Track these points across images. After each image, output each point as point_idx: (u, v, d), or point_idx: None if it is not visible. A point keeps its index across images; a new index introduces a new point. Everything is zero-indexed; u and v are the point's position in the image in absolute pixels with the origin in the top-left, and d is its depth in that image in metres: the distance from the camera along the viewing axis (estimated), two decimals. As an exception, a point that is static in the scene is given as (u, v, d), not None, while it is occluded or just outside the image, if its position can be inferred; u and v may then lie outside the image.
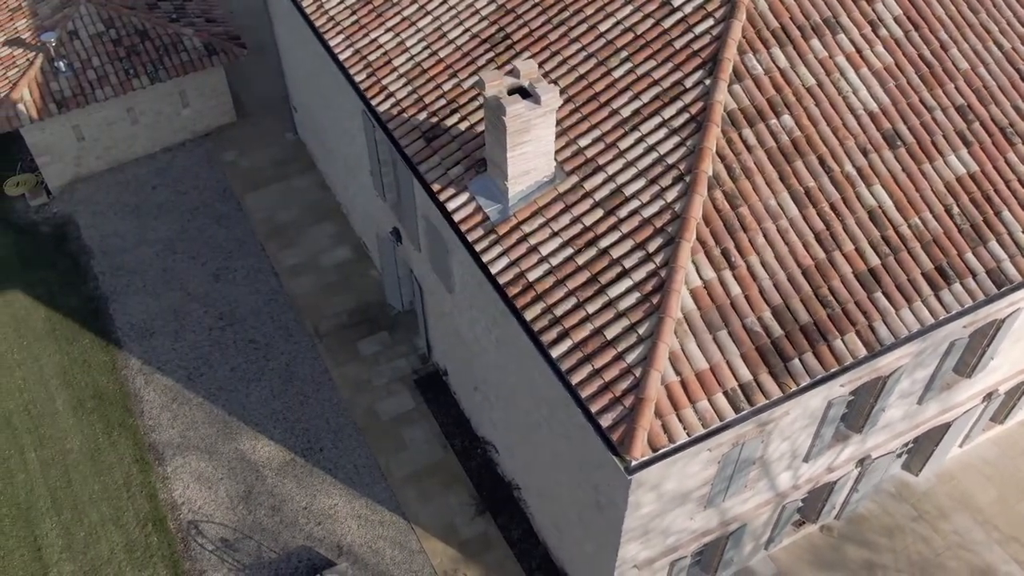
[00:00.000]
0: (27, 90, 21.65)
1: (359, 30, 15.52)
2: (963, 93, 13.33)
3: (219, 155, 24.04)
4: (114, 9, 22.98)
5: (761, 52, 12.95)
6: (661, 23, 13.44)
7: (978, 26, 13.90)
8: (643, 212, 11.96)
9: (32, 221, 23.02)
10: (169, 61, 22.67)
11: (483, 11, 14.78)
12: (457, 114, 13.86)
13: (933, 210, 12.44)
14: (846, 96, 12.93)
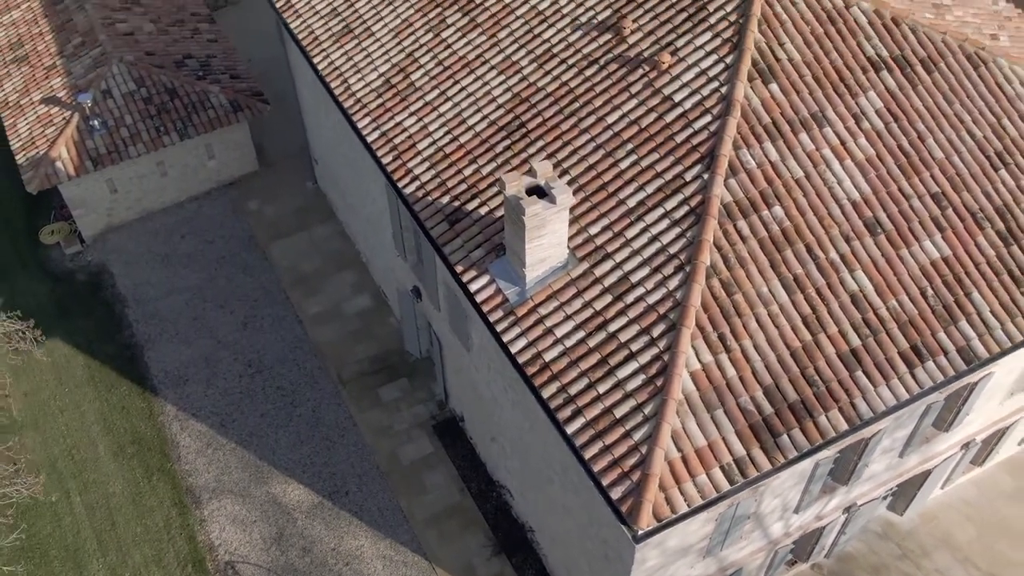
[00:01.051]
0: (64, 148, 22.98)
1: (384, 113, 16.85)
2: (938, 181, 14.65)
3: (243, 204, 25.38)
4: (144, 68, 24.30)
5: (754, 147, 14.28)
6: (663, 117, 14.77)
7: (952, 116, 15.23)
8: (648, 299, 13.30)
9: (68, 269, 24.35)
10: (197, 118, 23.99)
11: (499, 99, 16.10)
12: (477, 199, 15.18)
13: (909, 293, 13.77)
14: (831, 187, 14.26)
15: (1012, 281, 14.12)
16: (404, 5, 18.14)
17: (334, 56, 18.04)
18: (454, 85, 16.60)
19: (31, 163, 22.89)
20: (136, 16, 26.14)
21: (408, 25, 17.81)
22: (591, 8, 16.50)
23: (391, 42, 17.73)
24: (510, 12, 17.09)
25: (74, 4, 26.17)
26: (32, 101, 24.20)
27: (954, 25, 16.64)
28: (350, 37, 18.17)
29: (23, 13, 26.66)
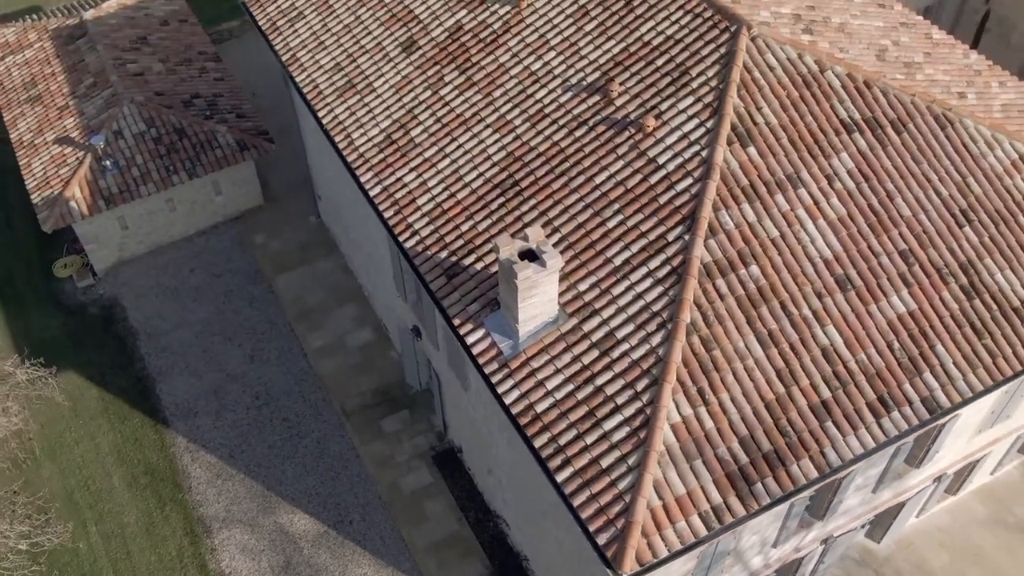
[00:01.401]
0: (78, 188, 23.94)
1: (386, 168, 17.81)
2: (905, 238, 15.62)
3: (249, 238, 26.34)
4: (154, 108, 25.26)
5: (732, 208, 15.24)
6: (648, 179, 15.74)
7: (920, 176, 16.20)
8: (632, 354, 14.26)
9: (80, 303, 25.31)
10: (205, 157, 24.96)
11: (494, 157, 17.07)
12: (474, 254, 16.14)
13: (877, 346, 14.74)
14: (805, 246, 15.22)
15: (974, 333, 15.09)
16: (404, 62, 19.11)
17: (338, 111, 19.01)
18: (452, 142, 17.57)
19: (46, 203, 23.85)
20: (145, 56, 27.10)
21: (408, 82, 18.78)
22: (581, 70, 17.47)
23: (392, 98, 18.70)
24: (505, 72, 18.06)
25: (86, 45, 27.13)
26: (46, 141, 25.16)
27: (924, 85, 17.61)
28: (353, 92, 19.14)
29: (36, 52, 27.63)
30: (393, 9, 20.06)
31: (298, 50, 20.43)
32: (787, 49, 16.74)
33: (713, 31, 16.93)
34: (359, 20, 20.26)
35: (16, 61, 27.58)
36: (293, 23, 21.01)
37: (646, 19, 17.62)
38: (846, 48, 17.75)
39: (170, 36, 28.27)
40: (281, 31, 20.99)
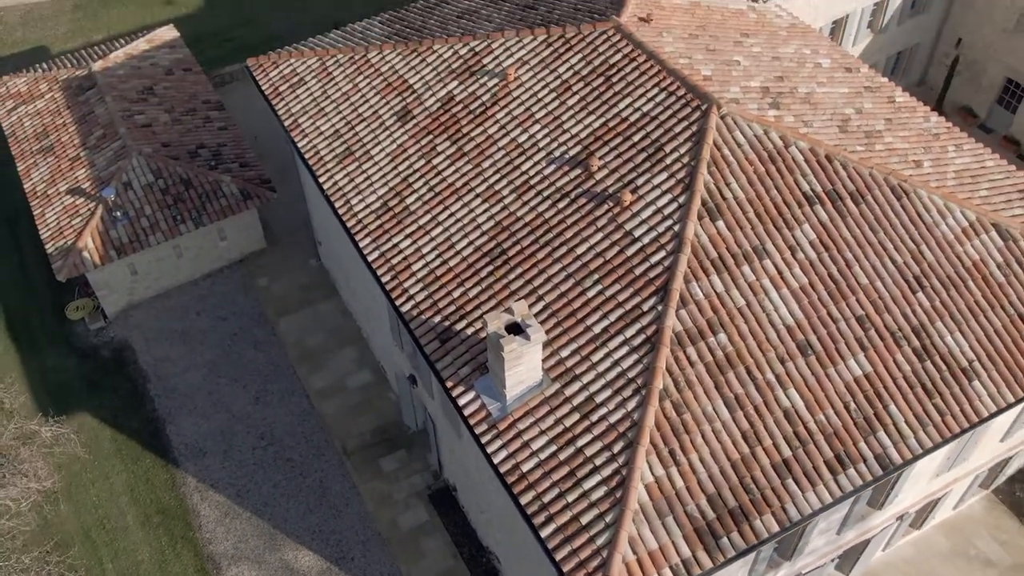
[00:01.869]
0: (90, 239, 25.21)
1: (383, 234, 19.10)
2: (863, 304, 16.94)
3: (253, 281, 27.63)
4: (161, 160, 26.53)
5: (702, 279, 16.56)
6: (625, 251, 17.05)
7: (877, 244, 17.52)
8: (609, 418, 15.58)
9: (93, 345, 26.57)
10: (210, 206, 26.23)
11: (484, 226, 18.37)
12: (465, 320, 17.44)
13: (835, 407, 16.06)
14: (769, 314, 16.54)
15: (925, 394, 16.41)
16: (399, 131, 20.41)
17: (337, 176, 20.30)
18: (444, 211, 18.87)
19: (60, 253, 25.11)
20: (152, 107, 28.36)
21: (403, 150, 20.08)
22: (563, 143, 18.79)
23: (388, 166, 19.99)
24: (493, 143, 19.36)
25: (95, 96, 28.40)
26: (59, 191, 26.42)
27: (883, 155, 18.93)
28: (352, 159, 20.43)
29: (47, 103, 28.88)
30: (389, 78, 21.35)
31: (299, 116, 21.71)
32: (754, 126, 18.06)
33: (686, 109, 18.26)
34: (357, 88, 21.56)
35: (28, 111, 28.84)
36: (295, 88, 22.29)
37: (624, 95, 18.94)
38: (810, 121, 19.08)
39: (175, 85, 29.53)
40: (283, 96, 22.27)
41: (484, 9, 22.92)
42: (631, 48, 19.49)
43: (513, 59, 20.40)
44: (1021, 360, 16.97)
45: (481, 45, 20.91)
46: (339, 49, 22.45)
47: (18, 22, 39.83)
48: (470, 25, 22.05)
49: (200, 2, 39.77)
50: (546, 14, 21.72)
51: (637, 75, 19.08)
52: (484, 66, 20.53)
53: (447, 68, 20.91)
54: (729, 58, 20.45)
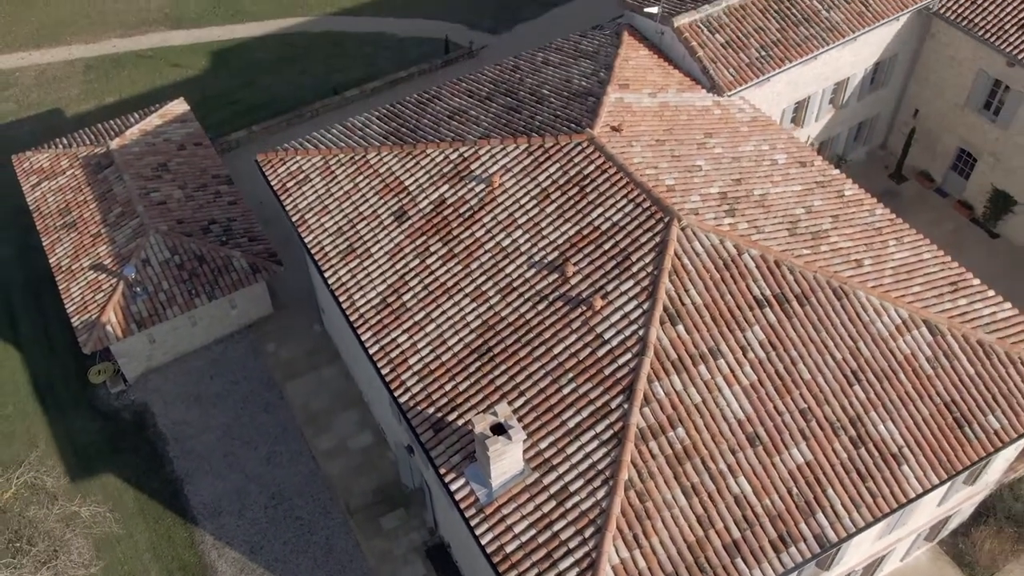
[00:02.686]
0: (113, 313, 27.44)
1: (383, 328, 21.37)
2: (805, 398, 19.25)
3: (261, 346, 29.89)
4: (176, 237, 28.78)
5: (663, 379, 18.86)
6: (596, 352, 19.35)
7: (819, 342, 19.82)
8: (582, 506, 17.87)
9: (115, 408, 28.82)
10: (222, 280, 28.49)
11: (472, 324, 20.65)
12: (456, 411, 19.72)
13: (779, 492, 18.36)
14: (722, 409, 18.84)
15: (859, 478, 18.72)
16: (396, 230, 22.68)
17: (341, 272, 22.56)
18: (437, 309, 21.14)
19: (85, 326, 27.35)
20: (166, 184, 30.60)
21: (400, 249, 22.35)
22: (543, 249, 21.08)
23: (387, 263, 22.26)
24: (480, 246, 21.65)
25: (113, 174, 30.64)
26: (82, 267, 28.66)
27: (827, 256, 21.21)
28: (353, 256, 22.70)
29: (68, 180, 31.12)
30: (386, 179, 23.62)
31: (306, 212, 23.98)
32: (711, 236, 20.36)
33: (650, 220, 20.56)
34: (357, 187, 23.83)
35: (51, 187, 31.06)
36: (301, 185, 24.56)
37: (597, 205, 21.24)
38: (763, 226, 21.38)
39: (187, 161, 31.77)
40: (291, 192, 24.53)
41: (473, 109, 25.20)
42: (603, 160, 21.80)
43: (498, 166, 22.68)
44: (946, 445, 19.29)
45: (469, 151, 23.20)
46: (341, 149, 24.71)
47: (33, 83, 41.97)
48: (460, 128, 24.32)
49: (205, 63, 41.95)
50: (528, 119, 24.01)
51: (608, 186, 21.39)
52: (472, 171, 22.82)
53: (439, 172, 23.19)
54: (692, 163, 22.75)
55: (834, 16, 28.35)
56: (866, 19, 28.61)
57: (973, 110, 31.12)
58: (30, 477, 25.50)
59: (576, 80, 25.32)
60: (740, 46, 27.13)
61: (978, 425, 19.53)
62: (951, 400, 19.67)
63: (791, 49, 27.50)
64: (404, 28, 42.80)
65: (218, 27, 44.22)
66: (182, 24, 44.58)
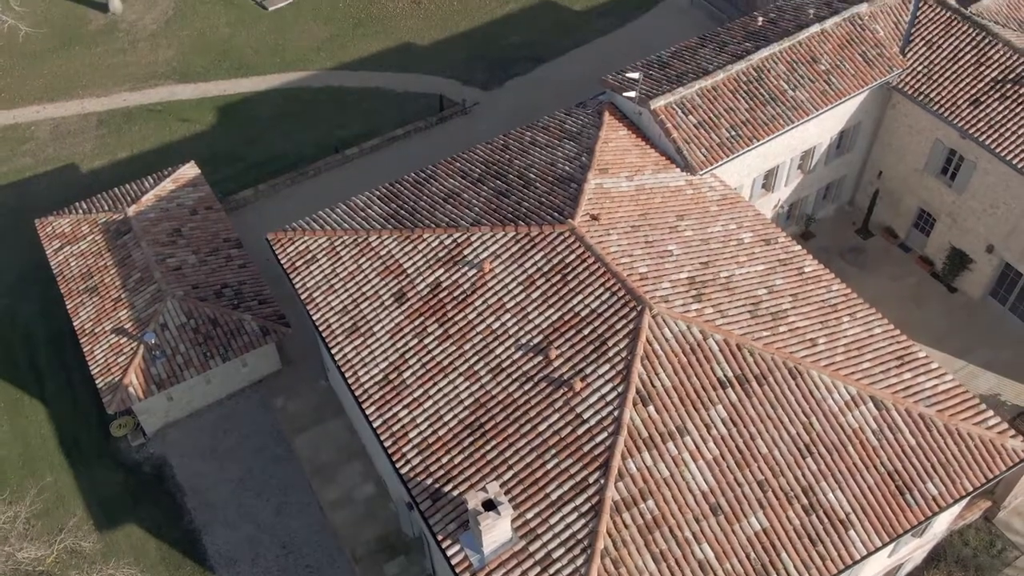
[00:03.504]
0: (134, 375, 29.72)
1: (385, 404, 23.66)
2: (763, 470, 21.58)
3: (271, 401, 32.18)
4: (192, 302, 31.05)
5: (636, 456, 21.18)
6: (576, 431, 21.67)
7: (776, 418, 22.15)
8: (563, 572, 20.18)
9: (135, 460, 31.10)
10: (235, 343, 30.76)
11: (465, 402, 22.96)
12: (451, 483, 22.03)
13: (739, 557, 20.69)
14: (688, 482, 21.17)
15: (811, 542, 21.06)
16: (396, 311, 24.98)
17: (346, 349, 24.86)
18: (434, 386, 23.44)
19: (109, 388, 29.61)
20: (181, 249, 32.87)
21: (400, 329, 24.65)
22: (528, 332, 23.40)
23: (388, 342, 24.56)
24: (472, 328, 23.96)
25: (131, 241, 32.91)
26: (104, 330, 30.92)
27: (784, 337, 23.54)
28: (358, 334, 24.99)
29: (89, 245, 33.38)
30: (387, 262, 25.93)
31: (314, 290, 26.27)
32: (679, 323, 22.70)
33: (625, 308, 22.89)
34: (360, 268, 26.12)
35: (73, 252, 33.32)
36: (308, 264, 26.85)
37: (577, 292, 23.57)
38: (727, 310, 23.70)
39: (200, 226, 34.04)
40: (299, 271, 26.83)
41: (466, 192, 27.51)
42: (583, 250, 24.13)
43: (488, 252, 25.01)
44: (889, 511, 21.63)
45: (463, 237, 25.52)
46: (345, 231, 27.00)
47: (48, 137, 44.16)
48: (454, 212, 26.63)
49: (212, 118, 44.17)
50: (516, 204, 26.32)
51: (587, 275, 23.72)
52: (465, 256, 25.14)
53: (435, 256, 25.50)
54: (664, 248, 25.09)
55: (799, 95, 30.70)
56: (829, 97, 30.96)
57: (931, 175, 33.47)
58: (70, 543, 27.69)
59: (560, 164, 27.64)
60: (712, 126, 29.46)
61: (918, 492, 21.89)
62: (894, 469, 22.02)
63: (759, 128, 29.84)
64: (401, 83, 45.07)
65: (224, 81, 46.45)
66: (189, 78, 46.78)
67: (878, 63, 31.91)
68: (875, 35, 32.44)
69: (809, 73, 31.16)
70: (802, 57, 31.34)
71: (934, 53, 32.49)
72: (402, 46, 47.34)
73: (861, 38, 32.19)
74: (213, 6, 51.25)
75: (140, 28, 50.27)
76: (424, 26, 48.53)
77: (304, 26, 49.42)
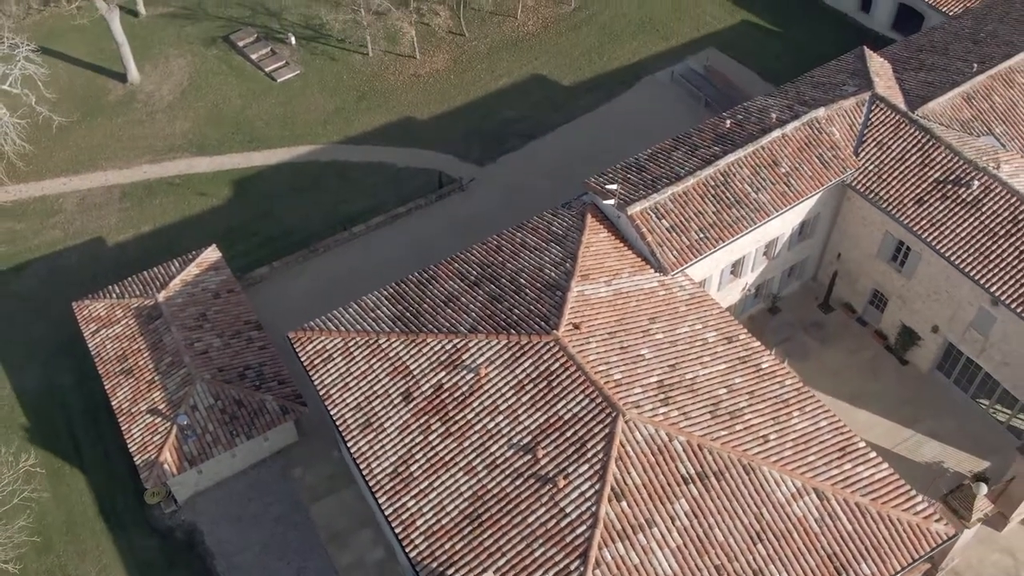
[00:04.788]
0: (168, 454, 33.29)
1: (395, 494, 27.27)
2: (720, 556, 25.18)
3: (289, 471, 35.77)
4: (218, 384, 34.64)
5: (611, 546, 24.82)
6: (559, 523, 25.31)
7: (731, 509, 25.73)
8: (549, 649, 23.85)
9: (168, 527, 34.67)
10: (257, 421, 34.35)
11: (465, 494, 26.58)
12: (453, 567, 25.64)
13: (698, 633, 24.34)
14: (655, 567, 24.79)
15: (759, 619, 24.75)
16: (404, 409, 28.59)
17: (360, 443, 28.46)
18: (438, 479, 27.07)
19: (146, 465, 33.18)
20: (207, 333, 36.46)
21: (407, 426, 28.27)
22: (519, 432, 27.03)
23: (397, 438, 28.17)
24: (471, 427, 27.59)
25: (162, 326, 36.48)
26: (140, 410, 34.49)
27: (740, 435, 27.14)
28: (370, 429, 28.60)
29: (123, 328, 36.94)
30: (395, 363, 29.54)
31: (331, 388, 29.88)
32: (648, 427, 26.34)
33: (602, 414, 26.53)
34: (372, 368, 29.73)
35: (108, 335, 36.87)
36: (325, 363, 30.45)
37: (561, 397, 27.20)
38: (690, 411, 27.33)
39: (223, 309, 37.62)
40: (317, 369, 30.42)
41: (463, 296, 31.12)
42: (566, 359, 27.77)
43: (484, 357, 28.63)
44: (827, 589, 25.34)
45: (461, 343, 29.15)
46: (357, 332, 30.61)
47: (75, 210, 47.63)
48: (453, 317, 30.24)
49: (227, 192, 47.69)
50: (508, 311, 29.94)
51: (570, 382, 27.36)
52: (463, 361, 28.76)
53: (437, 359, 29.12)
54: (637, 352, 28.73)
55: (762, 197, 34.34)
56: (788, 198, 34.61)
57: (883, 260, 37.15)
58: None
59: (547, 269, 31.27)
60: (682, 229, 33.10)
61: (853, 572, 25.55)
62: (833, 553, 25.69)
63: (725, 230, 33.49)
64: (402, 158, 48.63)
65: (237, 154, 49.93)
66: (205, 150, 50.27)
67: (833, 164, 35.58)
68: (831, 137, 36.12)
69: (771, 176, 34.81)
70: (765, 160, 35.00)
71: (884, 154, 36.18)
72: (403, 120, 50.92)
73: (819, 141, 35.87)
74: (226, 77, 54.75)
75: (157, 99, 53.77)
76: (423, 99, 52.09)
77: (311, 98, 52.95)
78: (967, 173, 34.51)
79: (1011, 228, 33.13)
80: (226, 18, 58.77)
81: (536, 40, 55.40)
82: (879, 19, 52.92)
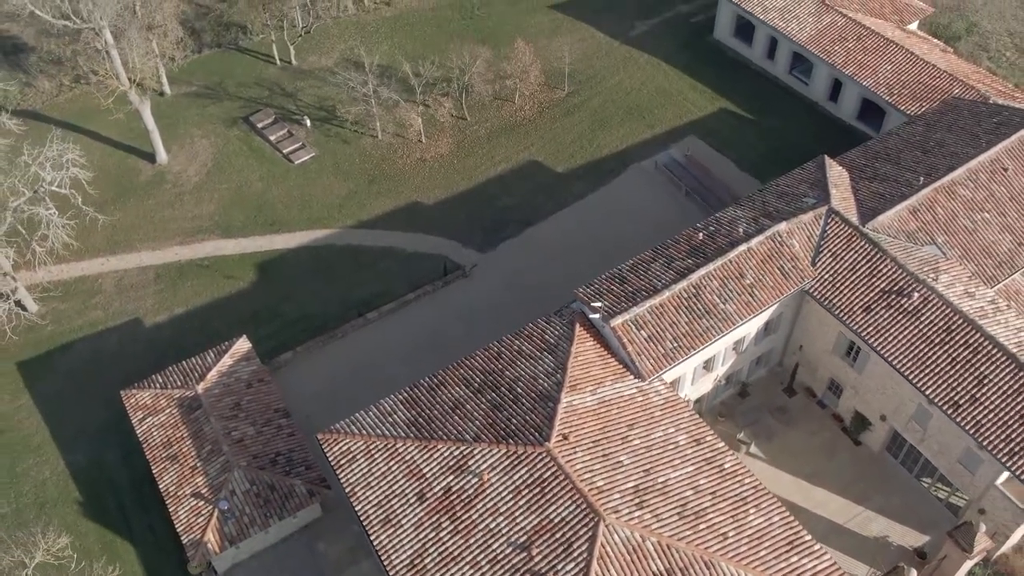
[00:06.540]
0: (211, 534, 38.18)
1: None
2: (684, 641, 30.15)
3: (314, 544, 40.67)
4: (253, 471, 39.53)
5: (593, 634, 29.75)
6: (550, 614, 30.27)
7: (695, 600, 30.73)
8: None
9: (210, 596, 39.61)
10: (288, 504, 39.24)
11: None
12: (461, 650, 30.57)
13: None
14: (630, 652, 29.76)
15: None
16: (419, 508, 33.49)
17: (381, 537, 33.36)
18: (448, 573, 31.93)
19: (192, 544, 38.05)
20: (242, 422, 41.35)
21: (421, 523, 33.17)
22: (516, 532, 31.94)
23: (412, 534, 33.07)
24: (476, 526, 32.50)
25: (202, 416, 41.36)
26: (185, 494, 39.38)
27: (703, 534, 32.04)
28: (389, 525, 33.51)
29: (167, 417, 41.83)
30: (410, 466, 34.45)
31: (355, 485, 34.79)
32: (625, 530, 31.25)
33: (586, 519, 31.44)
34: (390, 470, 34.64)
35: (154, 423, 41.75)
36: (350, 463, 35.37)
37: (552, 502, 32.12)
38: (661, 513, 32.23)
39: (255, 398, 42.51)
40: (343, 468, 35.33)
41: (469, 403, 36.03)
42: (556, 468, 32.69)
43: (486, 464, 33.55)
44: (775, 668, 30.28)
45: (467, 450, 34.07)
46: (377, 436, 35.51)
47: (114, 291, 52.44)
48: (460, 424, 35.13)
49: (252, 275, 52.51)
50: (507, 420, 34.83)
51: (559, 489, 32.29)
52: (469, 466, 33.68)
53: (446, 464, 34.03)
54: (617, 459, 33.65)
55: (729, 307, 39.26)
56: (752, 308, 39.53)
57: (838, 356, 42.10)
58: None
59: (541, 380, 36.15)
60: (658, 339, 38.01)
61: (797, 653, 30.51)
62: (780, 637, 30.64)
63: (696, 339, 38.41)
64: (409, 243, 53.47)
65: (260, 236, 54.77)
66: (230, 233, 55.08)
67: (793, 275, 40.52)
68: (791, 249, 41.06)
69: (737, 287, 39.74)
70: (732, 273, 39.93)
71: (838, 264, 41.13)
72: (410, 205, 55.77)
73: (780, 253, 40.80)
74: (247, 159, 59.60)
75: (185, 180, 58.60)
76: (428, 184, 56.95)
77: (326, 181, 57.80)
78: (908, 284, 39.45)
79: (944, 336, 38.09)
80: (245, 98, 63.63)
81: (532, 125, 60.30)
82: (845, 110, 57.89)
